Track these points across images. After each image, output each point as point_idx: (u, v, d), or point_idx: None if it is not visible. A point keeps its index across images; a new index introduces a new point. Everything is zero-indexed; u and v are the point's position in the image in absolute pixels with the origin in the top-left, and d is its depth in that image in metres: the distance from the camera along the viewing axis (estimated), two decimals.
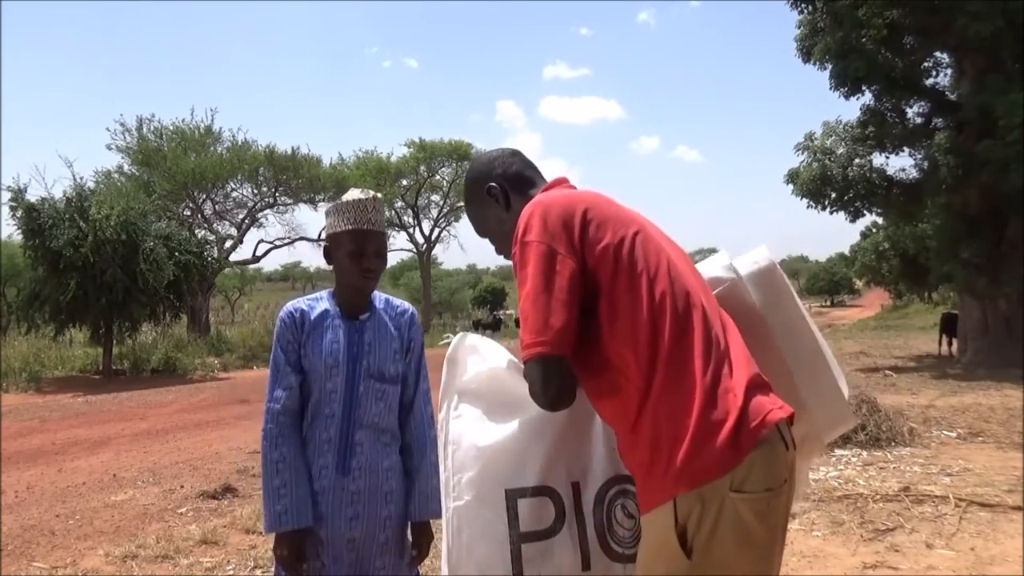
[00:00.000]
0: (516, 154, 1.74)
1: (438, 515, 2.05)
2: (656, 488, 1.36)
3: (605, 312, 1.40)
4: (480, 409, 1.69)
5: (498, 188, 1.66)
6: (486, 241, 1.77)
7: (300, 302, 2.01)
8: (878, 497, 4.77)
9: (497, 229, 1.69)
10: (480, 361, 1.73)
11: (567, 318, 1.36)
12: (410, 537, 2.08)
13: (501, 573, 1.55)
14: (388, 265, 2.14)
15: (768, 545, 1.34)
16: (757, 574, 1.33)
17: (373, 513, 1.95)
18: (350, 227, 1.92)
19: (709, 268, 1.71)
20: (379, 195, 2.03)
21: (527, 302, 1.38)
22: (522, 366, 1.42)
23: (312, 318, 1.96)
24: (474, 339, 1.78)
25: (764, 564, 1.35)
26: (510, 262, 1.57)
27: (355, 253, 1.93)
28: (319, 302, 2.01)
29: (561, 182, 1.68)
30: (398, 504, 2.00)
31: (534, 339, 1.37)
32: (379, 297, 2.06)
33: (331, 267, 2.00)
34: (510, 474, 1.59)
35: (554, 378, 1.38)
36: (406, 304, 2.13)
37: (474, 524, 1.58)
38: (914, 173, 15.07)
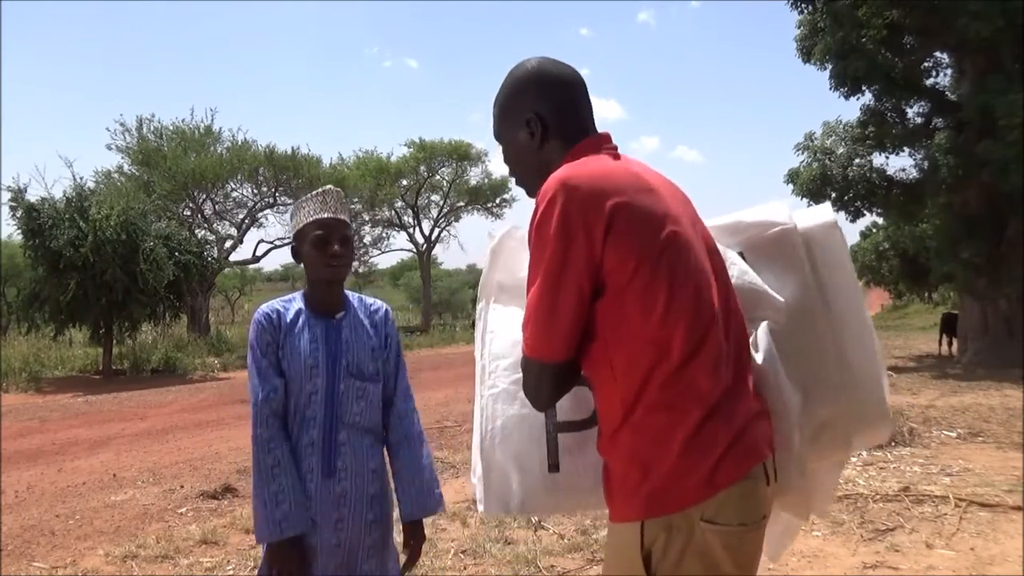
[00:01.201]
0: (575, 86, 1.49)
1: (435, 511, 2.03)
2: (624, 503, 1.32)
3: (611, 314, 1.30)
4: (520, 303, 1.53)
5: (537, 122, 1.46)
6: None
7: (274, 304, 1.97)
8: (878, 497, 4.77)
9: (519, 159, 1.53)
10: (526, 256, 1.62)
11: (573, 325, 1.31)
12: (398, 537, 2.04)
13: (537, 462, 1.51)
14: (388, 265, 2.11)
15: None
16: None
17: (359, 516, 1.91)
18: (313, 216, 1.93)
19: (762, 212, 1.63)
20: (340, 189, 2.03)
21: (535, 298, 1.32)
22: None
23: (288, 319, 1.93)
24: (522, 233, 1.62)
25: None
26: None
27: (320, 240, 1.90)
28: (292, 303, 1.98)
29: (602, 142, 1.46)
30: (383, 506, 1.97)
31: (535, 342, 1.34)
32: (353, 296, 2.05)
33: (300, 264, 1.98)
34: None
35: (547, 385, 1.37)
36: (380, 302, 2.11)
37: (509, 412, 1.52)
38: (914, 173, 15.11)
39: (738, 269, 1.51)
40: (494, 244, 1.70)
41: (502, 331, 1.59)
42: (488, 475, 1.55)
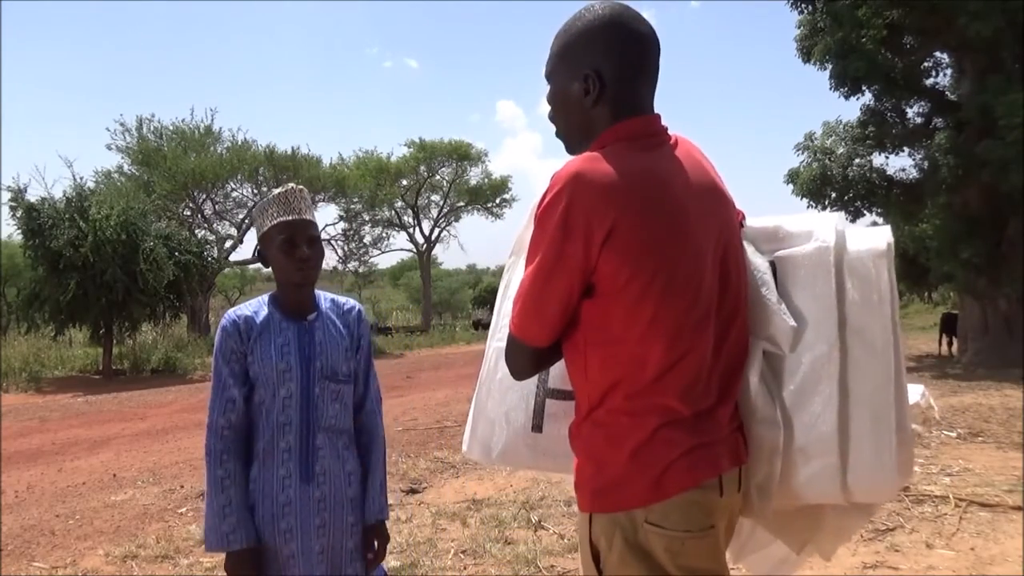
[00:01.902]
0: (648, 48, 1.37)
1: (379, 516, 1.98)
2: (579, 494, 1.36)
3: (596, 316, 1.31)
4: None
5: (596, 81, 1.35)
6: (486, 241, 1.71)
7: (242, 309, 1.93)
8: None
9: (565, 111, 1.43)
10: None
11: (557, 317, 1.32)
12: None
13: (522, 420, 1.57)
14: (388, 265, 2.09)
15: None
16: None
17: (339, 520, 1.89)
18: (277, 219, 1.87)
19: (806, 222, 1.50)
20: (303, 187, 1.98)
21: (526, 283, 1.33)
22: None
23: (258, 323, 1.88)
24: None
25: None
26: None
27: (286, 243, 1.85)
28: (262, 307, 1.93)
29: (644, 130, 1.37)
30: (362, 508, 1.95)
31: (520, 324, 1.36)
32: (324, 296, 2.01)
33: (268, 268, 1.95)
34: None
35: (525, 362, 1.41)
36: (352, 301, 2.07)
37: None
38: (914, 173, 15.12)
39: (757, 282, 1.43)
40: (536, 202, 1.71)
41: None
42: (477, 422, 1.65)
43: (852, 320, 1.41)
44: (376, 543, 1.98)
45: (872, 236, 1.47)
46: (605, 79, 1.35)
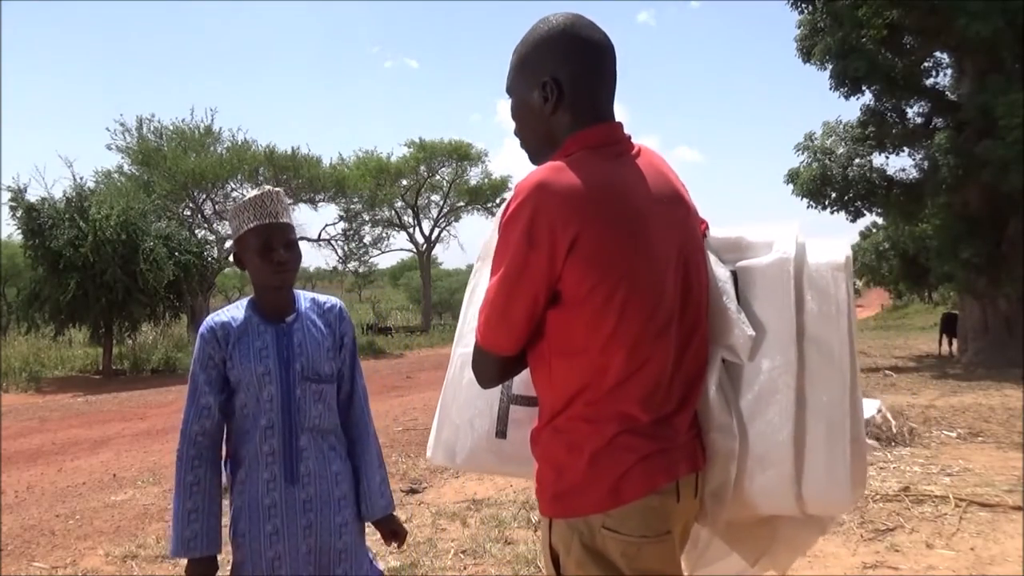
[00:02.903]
0: (603, 55, 1.40)
1: (387, 510, 2.00)
2: (540, 499, 1.39)
3: (560, 325, 1.32)
4: None
5: (553, 88, 1.37)
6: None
7: (219, 315, 1.92)
8: (878, 497, 4.77)
9: (526, 120, 1.45)
10: None
11: (522, 326, 1.34)
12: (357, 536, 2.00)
13: (487, 426, 1.60)
14: (388, 265, 2.08)
15: None
16: None
17: (327, 521, 1.88)
18: (253, 224, 1.85)
19: (768, 232, 1.52)
20: (279, 189, 1.97)
21: (491, 293, 1.34)
22: None
23: (235, 328, 1.88)
24: None
25: None
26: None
27: (263, 248, 1.84)
28: (240, 311, 1.92)
29: (607, 138, 1.39)
30: (352, 508, 1.95)
31: (486, 333, 1.37)
32: (304, 297, 2.00)
33: (244, 271, 1.94)
34: None
35: (491, 371, 1.42)
36: (333, 299, 2.06)
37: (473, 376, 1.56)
38: (914, 173, 15.12)
39: (718, 291, 1.45)
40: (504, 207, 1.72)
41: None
42: (442, 427, 1.67)
43: (810, 331, 1.43)
44: (394, 533, 2.01)
45: (831, 249, 1.49)
46: (563, 85, 1.37)
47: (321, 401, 1.91)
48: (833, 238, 1.54)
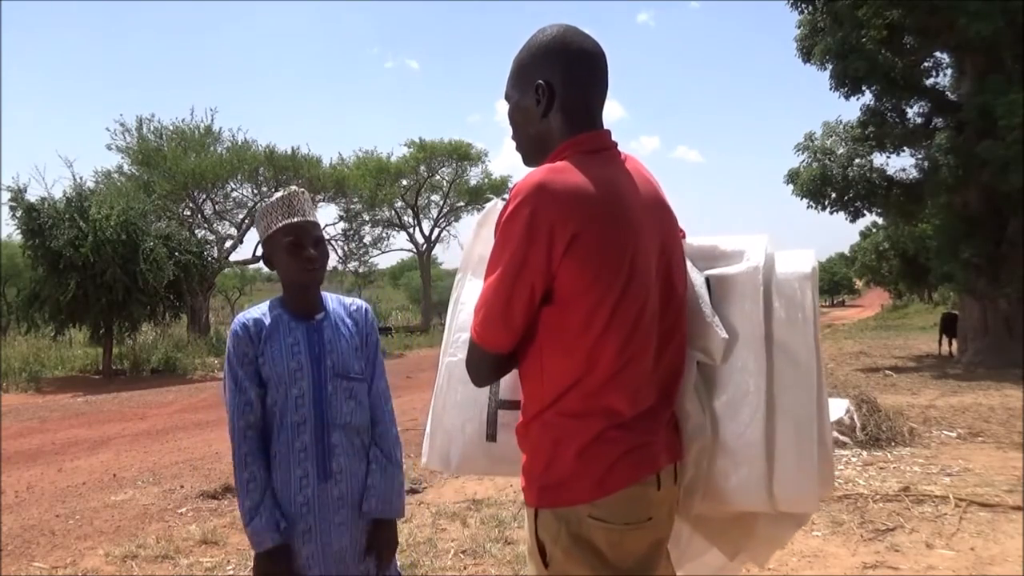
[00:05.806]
0: (594, 62, 1.46)
1: (399, 514, 1.98)
2: (527, 490, 1.42)
3: (553, 322, 1.36)
4: None
5: (545, 91, 1.43)
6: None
7: (251, 312, 1.94)
8: (878, 497, 4.77)
9: (520, 123, 1.52)
10: None
11: (520, 323, 1.37)
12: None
13: (477, 431, 1.66)
14: (388, 265, 2.09)
15: (628, 570, 1.36)
16: None
17: (356, 518, 1.89)
18: (282, 222, 1.88)
19: (739, 243, 1.59)
20: (303, 189, 1.99)
21: (490, 290, 1.37)
22: None
23: (267, 325, 1.89)
24: None
25: None
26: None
27: (293, 246, 1.87)
28: (271, 309, 1.94)
29: (600, 143, 1.45)
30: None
31: (483, 331, 1.40)
32: (330, 298, 2.02)
33: (274, 270, 1.95)
34: None
35: (487, 369, 1.46)
36: (359, 301, 2.08)
37: (462, 381, 1.61)
38: (914, 173, 15.12)
39: (694, 295, 1.51)
40: (481, 217, 1.76)
41: (471, 304, 1.62)
42: (435, 434, 1.72)
43: (778, 336, 1.51)
44: (377, 543, 1.92)
45: (798, 259, 1.56)
46: (555, 88, 1.43)
47: (352, 398, 1.92)
48: (801, 248, 1.62)
